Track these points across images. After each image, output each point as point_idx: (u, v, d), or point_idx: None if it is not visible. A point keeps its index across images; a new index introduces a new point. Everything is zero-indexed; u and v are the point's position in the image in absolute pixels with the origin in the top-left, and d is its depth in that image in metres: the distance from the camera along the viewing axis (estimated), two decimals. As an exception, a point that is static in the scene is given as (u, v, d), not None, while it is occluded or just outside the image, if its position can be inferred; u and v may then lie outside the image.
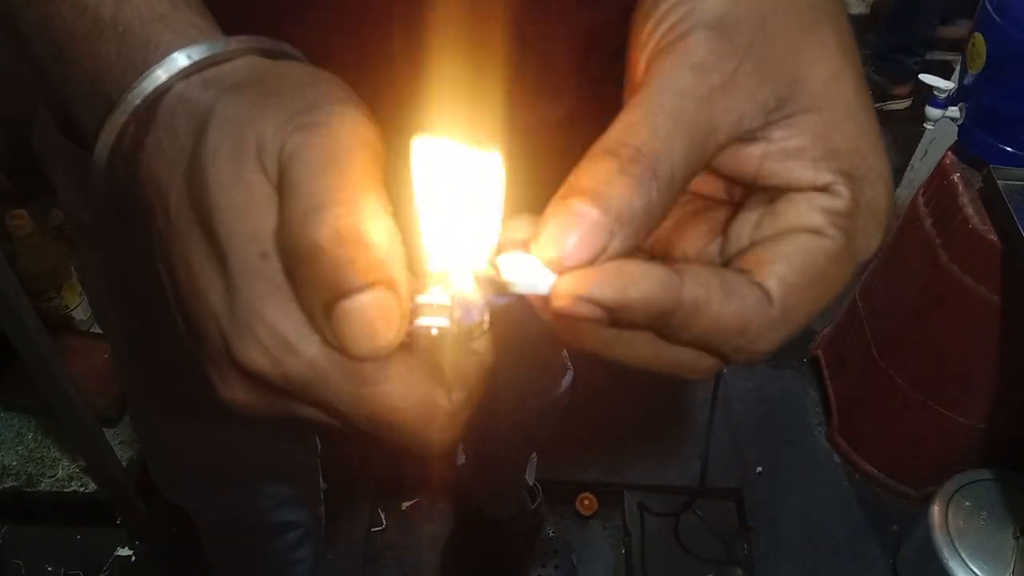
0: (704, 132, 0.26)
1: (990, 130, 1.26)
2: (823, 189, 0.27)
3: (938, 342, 1.37)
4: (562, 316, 0.26)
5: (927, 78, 1.32)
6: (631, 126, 0.26)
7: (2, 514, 1.46)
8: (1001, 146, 1.25)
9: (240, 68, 0.29)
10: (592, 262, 0.25)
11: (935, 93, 1.32)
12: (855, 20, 2.06)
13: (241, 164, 0.26)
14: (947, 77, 1.37)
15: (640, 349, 0.27)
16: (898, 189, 1.87)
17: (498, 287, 0.27)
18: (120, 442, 1.38)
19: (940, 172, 1.33)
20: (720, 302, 0.25)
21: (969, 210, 1.25)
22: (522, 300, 0.27)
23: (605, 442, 1.57)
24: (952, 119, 1.32)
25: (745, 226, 0.28)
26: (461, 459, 1.41)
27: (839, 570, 1.48)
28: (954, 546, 1.29)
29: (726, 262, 0.29)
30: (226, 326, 0.26)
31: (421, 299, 0.27)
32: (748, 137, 0.28)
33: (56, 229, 1.46)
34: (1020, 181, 1.19)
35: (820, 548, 1.50)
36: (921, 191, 1.40)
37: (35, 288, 1.38)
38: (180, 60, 0.28)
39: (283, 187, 0.25)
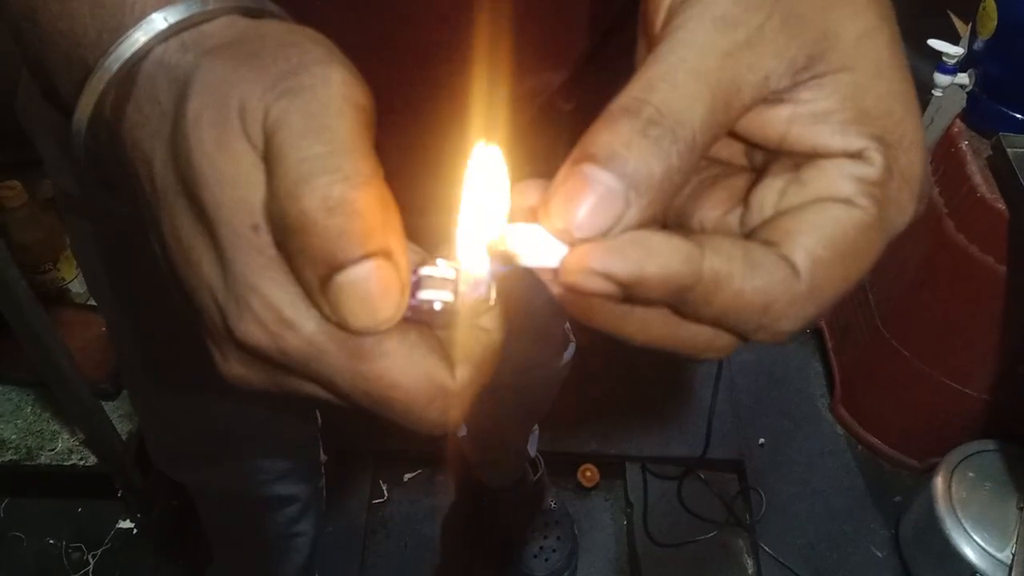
0: (728, 91, 0.24)
1: (1000, 97, 1.24)
2: (854, 155, 0.25)
3: (943, 312, 1.36)
4: (572, 291, 0.24)
5: (936, 43, 1.29)
6: (650, 82, 0.24)
7: (2, 488, 1.46)
8: (1011, 113, 1.22)
9: (219, 28, 0.27)
10: (605, 234, 0.23)
11: (943, 59, 1.30)
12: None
13: (225, 132, 0.24)
14: (955, 42, 1.34)
15: (654, 327, 0.26)
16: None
17: (505, 258, 0.25)
18: (119, 415, 1.37)
19: (948, 140, 1.31)
20: (743, 277, 0.23)
21: (977, 178, 1.23)
22: (528, 272, 0.26)
23: (607, 414, 1.56)
24: (961, 86, 1.30)
25: (769, 194, 0.26)
26: (463, 431, 1.40)
27: (841, 541, 1.48)
28: (957, 517, 1.29)
29: (748, 233, 0.27)
30: (222, 300, 0.25)
31: (424, 271, 0.25)
32: (774, 98, 0.26)
33: (50, 200, 1.44)
34: (1030, 149, 1.17)
35: (822, 519, 1.50)
36: (928, 159, 1.38)
37: (29, 261, 1.37)
38: (157, 22, 0.27)
39: (269, 156, 0.24)
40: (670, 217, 0.29)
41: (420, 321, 0.25)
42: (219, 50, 0.26)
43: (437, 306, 0.25)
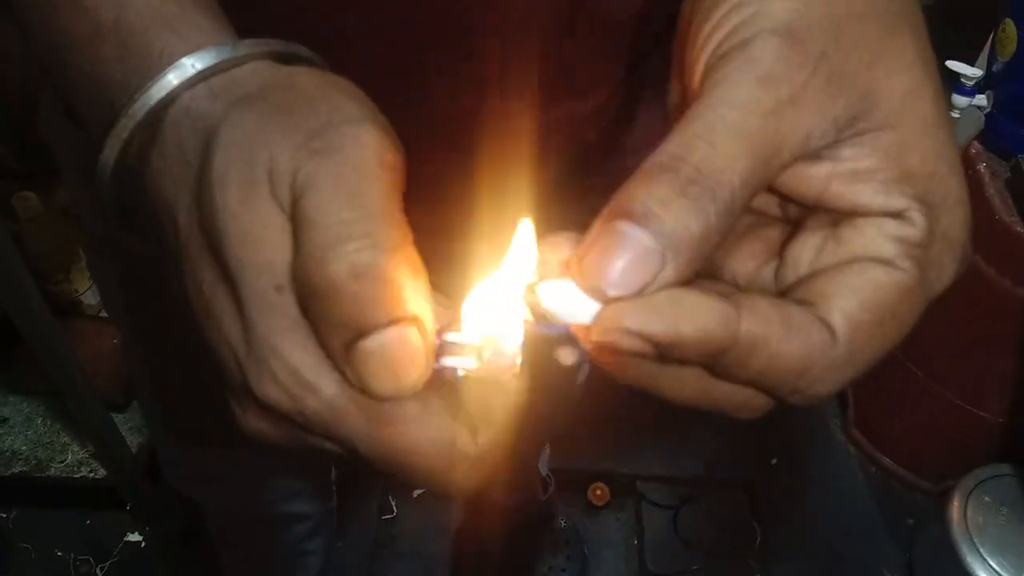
0: (769, 151, 0.24)
1: (1019, 119, 1.23)
2: (895, 215, 0.24)
3: (958, 335, 1.35)
4: (604, 348, 0.24)
5: (954, 64, 1.29)
6: (689, 140, 0.23)
7: (12, 499, 1.45)
8: (1030, 136, 1.22)
9: (248, 76, 0.27)
10: (640, 293, 0.23)
11: (962, 80, 1.29)
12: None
13: (253, 192, 0.24)
14: (973, 64, 1.34)
15: (687, 385, 0.25)
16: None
17: (536, 314, 0.25)
18: (129, 428, 1.37)
19: (965, 161, 1.30)
20: (780, 340, 0.23)
21: (995, 201, 1.22)
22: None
23: (618, 432, 1.55)
24: (979, 107, 1.29)
25: (805, 250, 0.26)
26: (473, 448, 1.40)
27: (853, 563, 1.47)
28: (973, 542, 1.28)
29: (783, 290, 0.26)
30: (243, 358, 0.24)
31: (449, 337, 0.25)
32: (814, 155, 0.25)
33: (64, 211, 1.45)
34: (1049, 172, 1.16)
35: (834, 540, 1.49)
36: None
37: (43, 270, 1.37)
38: (185, 68, 0.27)
39: (297, 218, 0.24)
40: (702, 265, 0.29)
41: (443, 385, 0.25)
42: (248, 101, 0.26)
43: (460, 373, 0.25)
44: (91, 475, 1.37)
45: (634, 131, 0.57)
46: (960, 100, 1.30)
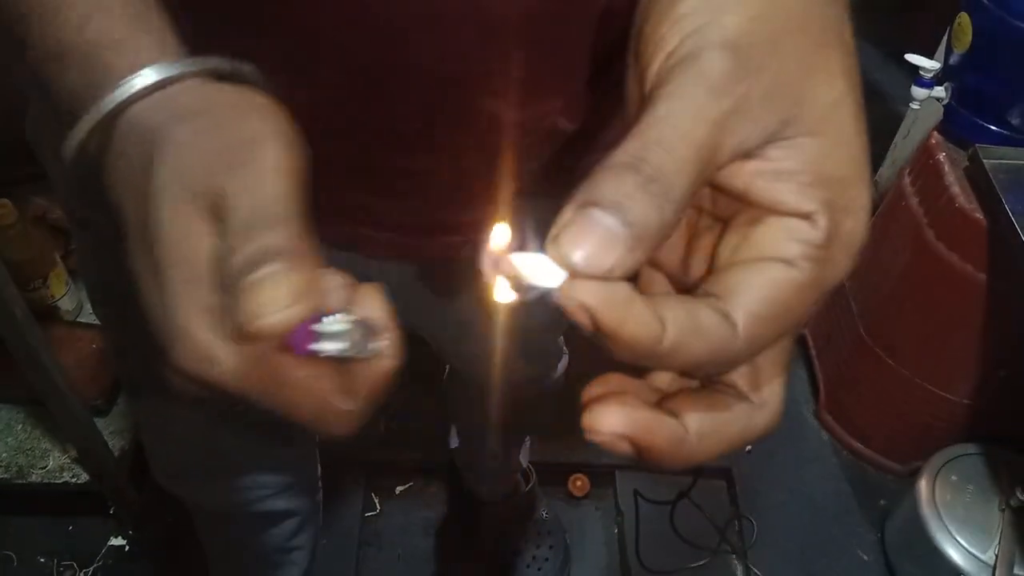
0: (711, 154, 0.27)
1: (976, 110, 1.27)
2: (804, 216, 0.28)
3: (925, 320, 1.39)
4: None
5: (913, 58, 1.33)
6: (649, 144, 0.27)
7: (-7, 506, 1.45)
8: (987, 125, 1.26)
9: (183, 92, 0.33)
10: (608, 272, 0.26)
11: (920, 72, 1.33)
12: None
13: (182, 204, 0.30)
14: (931, 56, 1.38)
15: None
16: (880, 168, 1.89)
17: (513, 282, 0.28)
18: (111, 432, 1.37)
19: (926, 151, 1.34)
20: (692, 344, 0.26)
21: (955, 189, 1.26)
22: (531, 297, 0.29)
23: (596, 423, 1.57)
24: (937, 99, 1.33)
25: (725, 249, 0.30)
26: (455, 443, 1.41)
27: (828, 544, 1.50)
28: (941, 519, 1.32)
29: (700, 277, 0.31)
30: (164, 334, 0.30)
31: (322, 325, 0.30)
32: (746, 153, 0.28)
33: (39, 218, 1.44)
34: (1006, 160, 1.20)
35: (809, 523, 1.53)
36: (907, 170, 1.41)
37: (19, 278, 1.36)
38: (130, 85, 0.33)
39: (220, 218, 0.30)
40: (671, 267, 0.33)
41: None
42: (182, 118, 0.32)
43: (334, 353, 0.30)
44: (73, 480, 1.37)
45: (612, 124, 0.59)
46: (919, 92, 1.34)
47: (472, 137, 0.53)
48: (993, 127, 1.26)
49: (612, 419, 0.28)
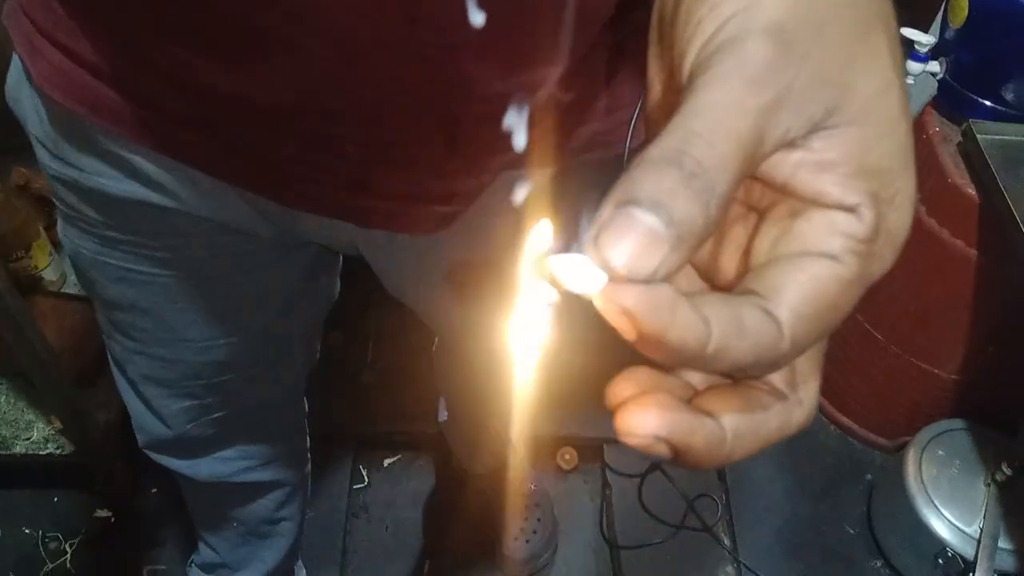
0: (754, 147, 0.26)
1: (970, 85, 1.27)
2: (848, 209, 0.26)
3: (914, 295, 1.39)
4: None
5: (908, 32, 1.32)
6: (690, 137, 0.25)
7: (-24, 478, 1.44)
8: (981, 101, 1.25)
9: None
10: (651, 275, 0.24)
11: (915, 47, 1.32)
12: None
13: None
14: (927, 31, 1.37)
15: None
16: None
17: (551, 283, 0.26)
18: (96, 404, 1.36)
19: (919, 126, 1.34)
20: (736, 346, 0.25)
21: (948, 165, 1.26)
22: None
23: (584, 397, 1.56)
24: (932, 73, 1.32)
25: (764, 242, 0.28)
26: (443, 416, 1.41)
27: (814, 518, 1.51)
28: (927, 494, 1.33)
29: (741, 275, 0.29)
30: None
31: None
32: (788, 144, 0.27)
33: (21, 188, 1.42)
34: (999, 136, 1.20)
35: (796, 497, 1.54)
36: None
37: (2, 249, 1.34)
38: None
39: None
40: (702, 264, 0.31)
41: None
42: None
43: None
44: (58, 452, 1.36)
45: (610, 92, 0.58)
46: (914, 66, 1.33)
47: (458, 107, 0.51)
48: (987, 102, 1.25)
49: (650, 422, 0.26)
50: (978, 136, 1.20)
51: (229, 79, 0.50)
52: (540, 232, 0.27)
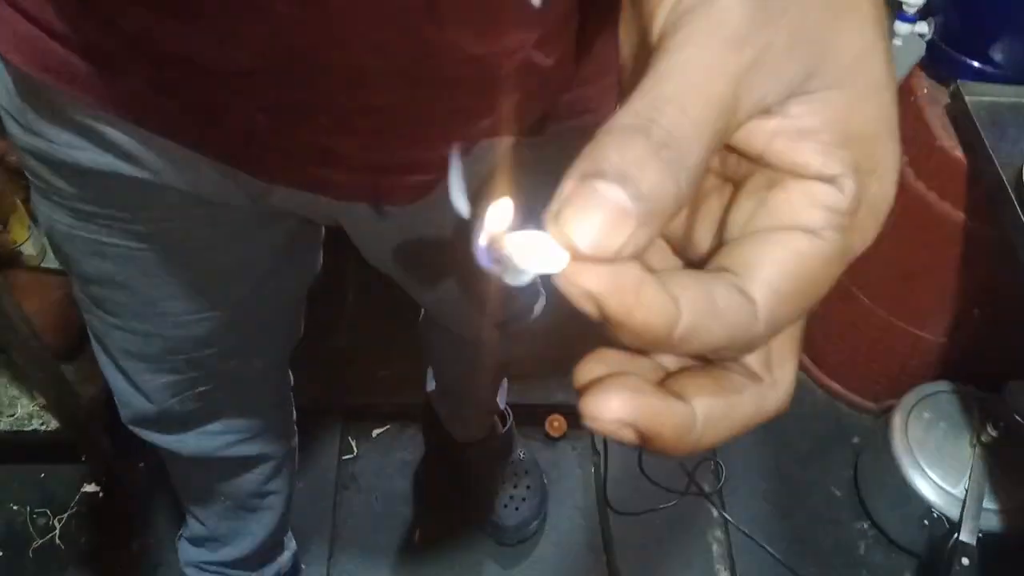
0: (729, 114, 0.24)
1: (958, 46, 1.25)
2: (828, 180, 0.25)
3: (901, 258, 1.39)
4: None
5: (896, -9, 1.30)
6: (659, 102, 0.23)
7: (-39, 455, 1.43)
8: (969, 62, 1.24)
9: None
10: (616, 254, 0.22)
11: (903, 7, 1.30)
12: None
13: None
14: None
15: None
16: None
17: (507, 263, 0.24)
18: (80, 378, 1.35)
19: (907, 88, 1.32)
20: (709, 327, 0.23)
21: (936, 127, 1.25)
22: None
23: (573, 364, 1.56)
24: (920, 34, 1.31)
25: (739, 215, 0.26)
26: (431, 385, 1.41)
27: (802, 481, 1.53)
28: (913, 455, 1.34)
29: (713, 248, 0.27)
30: None
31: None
32: (765, 110, 0.25)
33: (-3, 160, 1.39)
34: (987, 97, 1.19)
35: (783, 461, 1.54)
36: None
37: (-21, 223, 1.32)
38: None
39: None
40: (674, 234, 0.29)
41: None
42: None
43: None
44: (43, 428, 1.35)
45: (590, 59, 0.57)
46: (902, 27, 1.31)
47: (434, 71, 0.50)
48: (976, 64, 1.24)
49: (616, 405, 0.24)
50: (966, 98, 1.18)
51: (196, 43, 0.48)
52: (499, 208, 0.25)
